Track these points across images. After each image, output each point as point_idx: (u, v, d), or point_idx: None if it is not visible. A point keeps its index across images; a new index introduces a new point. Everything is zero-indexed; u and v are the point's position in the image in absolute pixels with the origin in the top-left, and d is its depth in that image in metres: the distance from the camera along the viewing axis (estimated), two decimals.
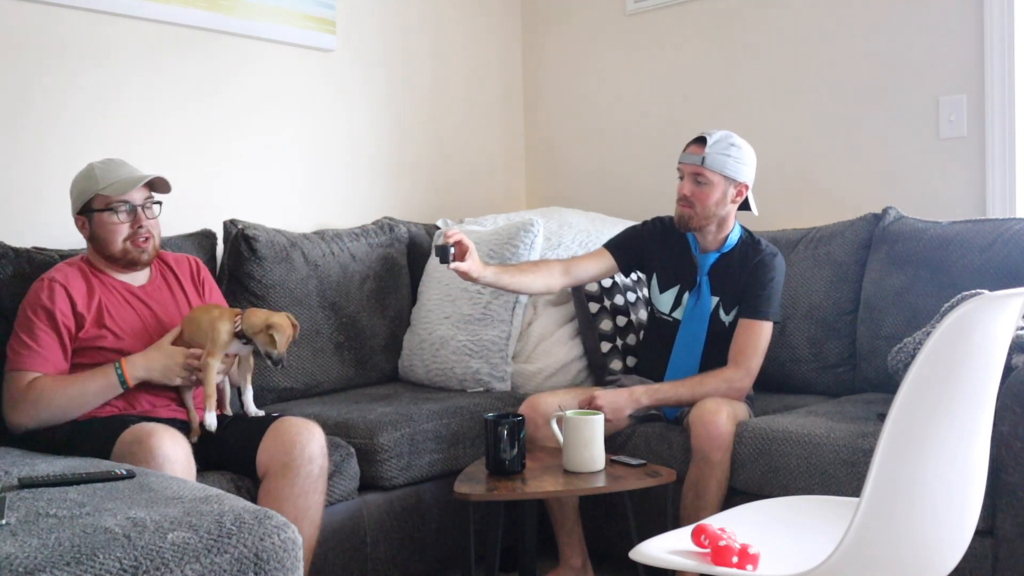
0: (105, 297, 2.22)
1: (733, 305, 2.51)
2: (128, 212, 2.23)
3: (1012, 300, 1.34)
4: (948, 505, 1.38)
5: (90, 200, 2.22)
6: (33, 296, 2.16)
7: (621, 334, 2.79)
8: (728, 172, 2.45)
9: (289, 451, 2.06)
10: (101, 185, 2.21)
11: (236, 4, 3.01)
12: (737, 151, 2.46)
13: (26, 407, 2.08)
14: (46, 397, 2.08)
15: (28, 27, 2.61)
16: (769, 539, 1.54)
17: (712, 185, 2.46)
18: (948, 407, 1.32)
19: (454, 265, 2.35)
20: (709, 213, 2.48)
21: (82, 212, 2.24)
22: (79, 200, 2.24)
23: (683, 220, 2.52)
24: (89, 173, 2.24)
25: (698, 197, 2.47)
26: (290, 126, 3.22)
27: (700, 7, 3.44)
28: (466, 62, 3.79)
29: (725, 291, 2.51)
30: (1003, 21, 2.74)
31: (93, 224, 2.23)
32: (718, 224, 2.51)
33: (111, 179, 2.22)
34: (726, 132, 2.49)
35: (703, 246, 2.56)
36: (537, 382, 2.82)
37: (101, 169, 2.24)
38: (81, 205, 2.24)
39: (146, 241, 2.26)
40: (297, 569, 1.46)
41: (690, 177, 2.48)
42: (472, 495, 2.08)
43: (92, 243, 2.25)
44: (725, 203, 2.48)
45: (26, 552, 1.27)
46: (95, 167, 2.25)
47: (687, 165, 2.49)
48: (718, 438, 2.26)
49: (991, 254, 2.46)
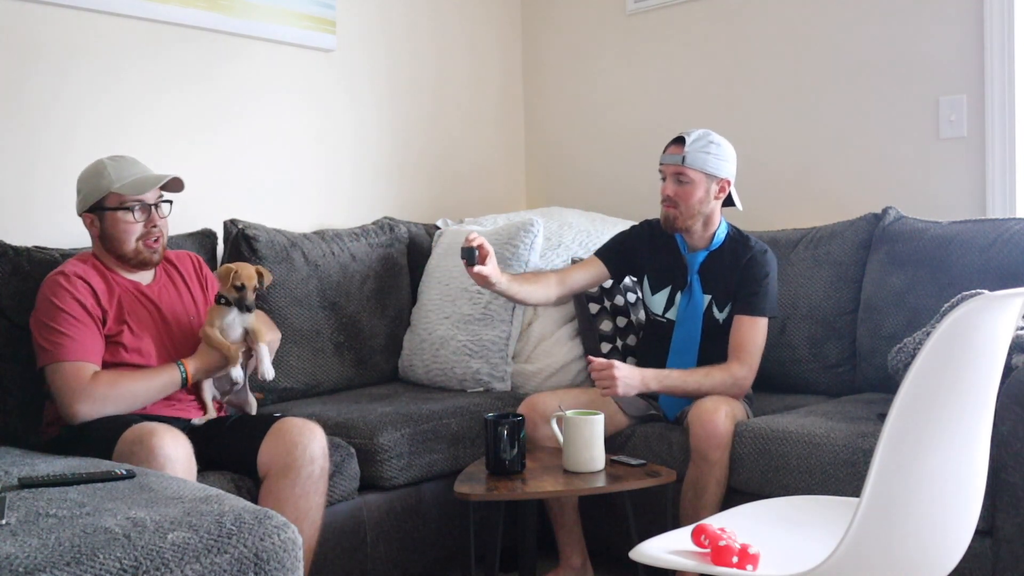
0: (122, 294, 2.22)
1: (726, 302, 2.51)
2: (142, 211, 2.20)
3: (1012, 300, 1.34)
4: (948, 505, 1.38)
5: (103, 198, 2.18)
6: (57, 288, 2.13)
7: (621, 334, 2.79)
8: (709, 169, 2.47)
9: (290, 452, 2.06)
10: (116, 183, 2.17)
11: (236, 4, 3.01)
12: (717, 148, 2.49)
13: (95, 400, 2.06)
14: (116, 392, 2.08)
15: (29, 27, 2.60)
16: (769, 539, 1.54)
17: (694, 183, 2.48)
18: (948, 407, 1.32)
19: (478, 268, 2.37)
20: (694, 211, 2.50)
21: (91, 210, 2.20)
22: (90, 197, 2.20)
23: (669, 221, 2.53)
24: (100, 170, 2.20)
25: (681, 196, 2.48)
26: (290, 126, 3.22)
27: (700, 7, 3.44)
28: (466, 62, 3.79)
29: (717, 288, 2.52)
30: (1003, 21, 2.74)
31: (105, 222, 2.19)
32: (704, 222, 2.53)
33: (125, 177, 2.18)
34: (705, 130, 2.51)
35: (691, 245, 2.57)
36: (537, 382, 2.83)
37: (113, 167, 2.20)
38: (93, 202, 2.20)
39: (157, 241, 2.24)
40: (297, 569, 1.46)
41: (672, 177, 2.50)
42: (472, 495, 2.08)
43: (101, 241, 2.22)
44: (708, 200, 2.50)
45: (26, 552, 1.27)
46: (107, 164, 2.21)
47: (668, 166, 2.51)
48: (716, 437, 2.26)
49: (991, 254, 2.46)
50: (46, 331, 2.10)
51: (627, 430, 2.53)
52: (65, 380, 2.07)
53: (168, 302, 2.29)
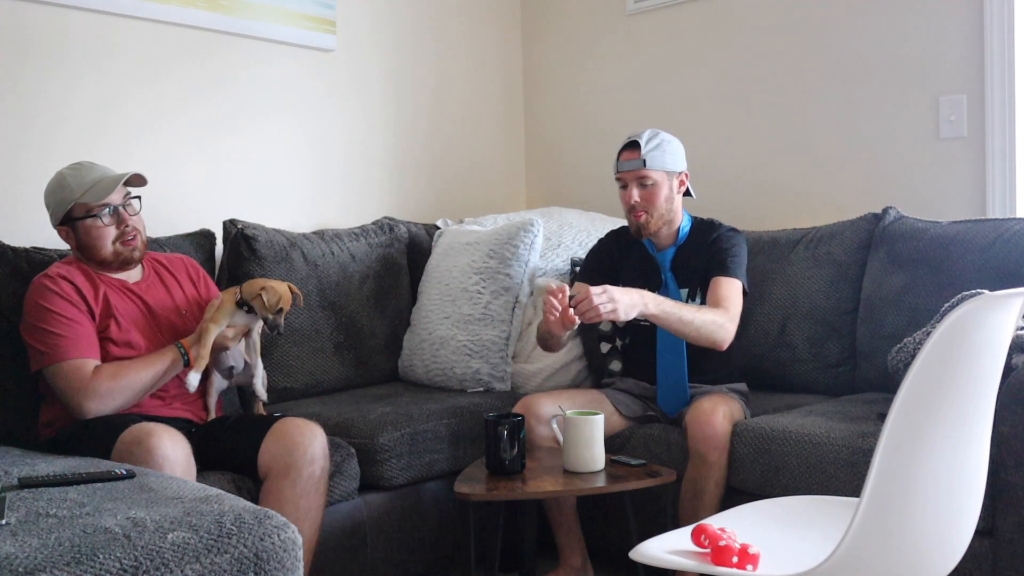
0: (108, 291, 2.22)
1: (701, 291, 2.51)
2: (111, 215, 2.20)
3: (1012, 300, 1.34)
4: (948, 505, 1.38)
5: (70, 209, 2.18)
6: (44, 291, 2.13)
7: (621, 335, 2.79)
8: (668, 166, 2.51)
9: (291, 452, 2.06)
10: (78, 193, 2.17)
11: (236, 4, 3.01)
12: (668, 144, 2.53)
13: (101, 395, 2.06)
14: (120, 384, 2.09)
15: (30, 27, 2.60)
16: (769, 539, 1.54)
17: (658, 184, 2.50)
18: (948, 407, 1.32)
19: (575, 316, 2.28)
20: (663, 212, 2.52)
21: (63, 223, 2.21)
22: (58, 211, 2.20)
23: (639, 228, 2.55)
24: (61, 183, 2.20)
25: (648, 199, 2.50)
26: (290, 126, 3.22)
27: (700, 7, 3.44)
28: (466, 61, 3.79)
29: (692, 280, 2.53)
30: (1003, 21, 2.74)
31: (79, 233, 2.20)
32: (670, 219, 2.55)
33: (87, 184, 2.18)
34: (652, 130, 2.55)
35: (659, 245, 2.59)
36: (537, 382, 2.83)
37: (72, 176, 2.20)
38: (62, 215, 2.20)
39: (134, 239, 2.24)
40: (297, 569, 1.46)
41: (635, 182, 2.51)
42: (472, 495, 2.08)
43: (80, 251, 2.23)
44: (673, 197, 2.54)
45: (26, 552, 1.27)
46: (66, 175, 2.20)
47: (628, 172, 2.52)
48: (714, 438, 2.26)
49: (991, 254, 2.46)
50: (40, 334, 2.11)
51: (626, 431, 2.53)
52: (68, 380, 2.07)
53: (156, 297, 2.30)
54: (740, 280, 2.47)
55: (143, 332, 2.22)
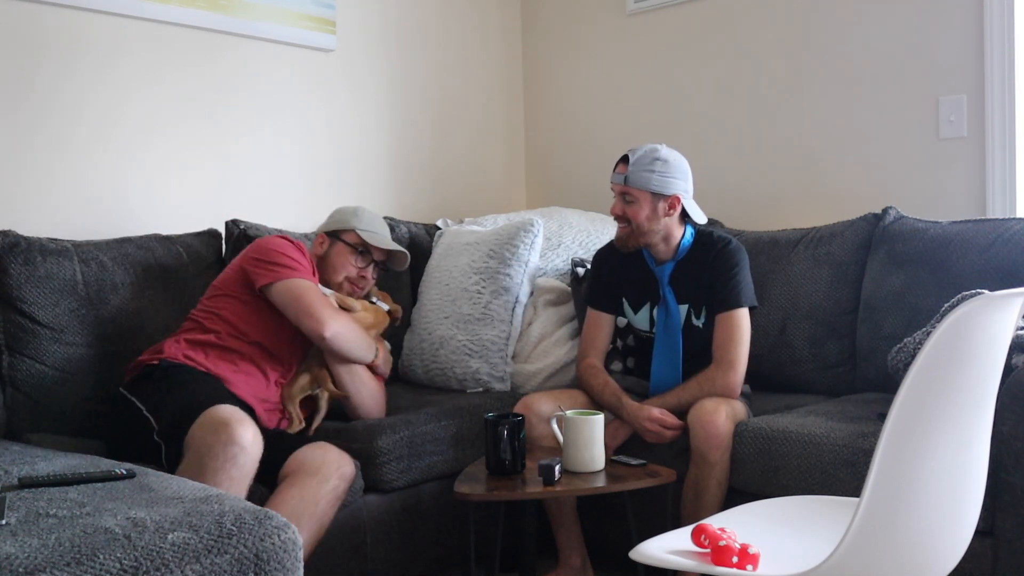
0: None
1: (702, 307, 2.50)
2: (362, 258, 2.55)
3: (1012, 300, 1.34)
4: (948, 505, 1.38)
5: (344, 230, 2.54)
6: (284, 243, 2.39)
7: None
8: (653, 188, 2.44)
9: (326, 460, 2.12)
10: (363, 225, 2.55)
11: (236, 3, 3.01)
12: (663, 165, 2.45)
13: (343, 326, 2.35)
14: (355, 333, 2.40)
15: (30, 28, 2.61)
16: (769, 539, 1.54)
17: (639, 203, 2.46)
18: (948, 407, 1.32)
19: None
20: (644, 229, 2.48)
21: (331, 234, 2.56)
22: (337, 224, 2.57)
23: (622, 239, 2.53)
24: (356, 211, 2.60)
25: (630, 214, 2.48)
26: (290, 126, 3.22)
27: (700, 7, 3.44)
28: (466, 62, 3.79)
29: (691, 296, 2.51)
30: (1003, 21, 2.74)
31: (332, 248, 2.54)
32: (664, 237, 2.51)
33: (372, 227, 2.57)
34: (652, 147, 2.48)
35: (658, 259, 2.56)
36: (537, 382, 2.82)
37: (368, 214, 2.60)
38: (335, 228, 2.56)
39: (360, 289, 2.56)
40: (297, 570, 1.46)
41: (619, 196, 2.51)
42: (472, 495, 2.08)
43: (321, 260, 2.54)
44: (657, 218, 2.47)
45: (26, 552, 1.27)
46: (365, 209, 2.61)
47: (615, 185, 2.51)
48: (716, 438, 2.26)
49: (991, 254, 2.46)
50: (281, 257, 2.33)
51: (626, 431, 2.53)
52: (315, 298, 2.31)
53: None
54: (744, 306, 2.45)
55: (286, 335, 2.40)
